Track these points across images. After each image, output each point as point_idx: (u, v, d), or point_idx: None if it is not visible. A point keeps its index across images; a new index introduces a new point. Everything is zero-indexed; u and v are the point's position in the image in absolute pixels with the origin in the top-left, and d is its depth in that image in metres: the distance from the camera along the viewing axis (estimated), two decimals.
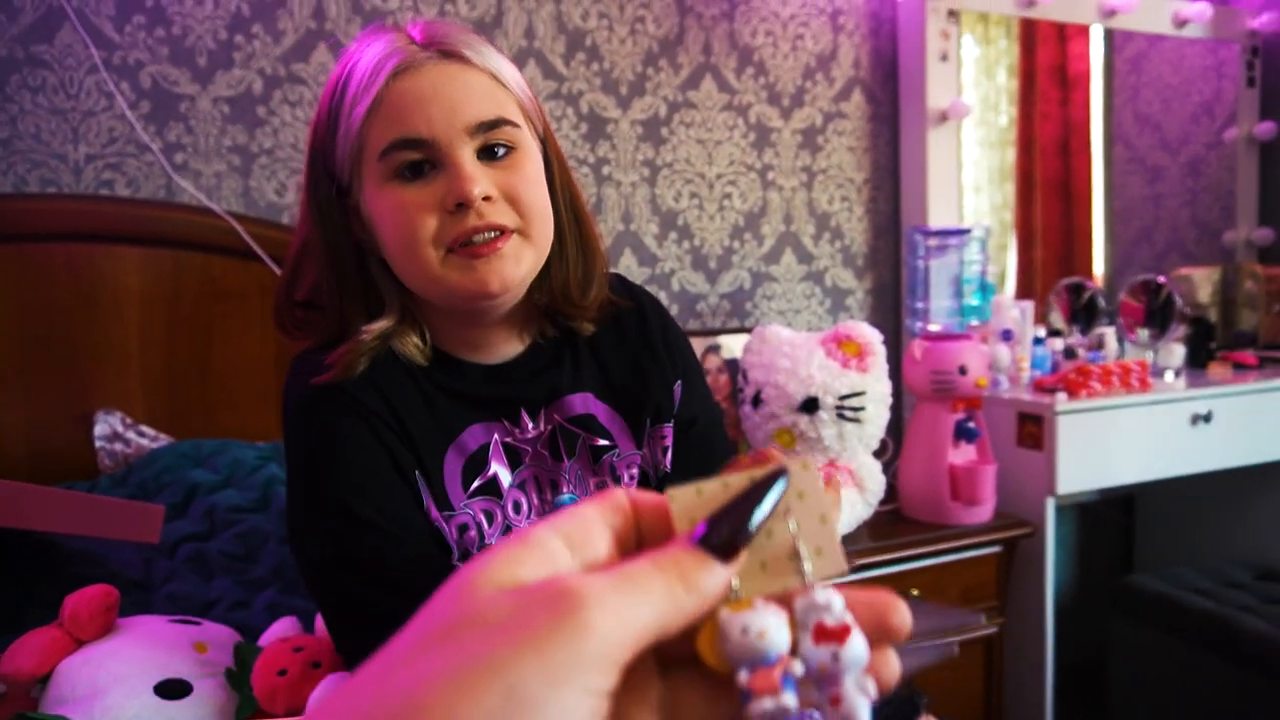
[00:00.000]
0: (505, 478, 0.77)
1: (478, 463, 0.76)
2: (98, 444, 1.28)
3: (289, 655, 0.82)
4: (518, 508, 0.78)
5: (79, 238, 1.32)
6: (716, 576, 0.24)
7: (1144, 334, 1.99)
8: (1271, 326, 2.18)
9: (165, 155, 1.43)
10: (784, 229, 1.97)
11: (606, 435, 0.80)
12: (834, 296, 2.03)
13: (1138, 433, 1.72)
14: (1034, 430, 1.66)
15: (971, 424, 1.62)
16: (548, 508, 0.78)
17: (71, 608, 0.83)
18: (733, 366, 1.77)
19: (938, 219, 1.97)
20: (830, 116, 1.99)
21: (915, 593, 1.51)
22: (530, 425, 0.79)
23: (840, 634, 0.23)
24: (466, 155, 0.70)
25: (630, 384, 0.82)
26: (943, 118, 1.96)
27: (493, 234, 0.71)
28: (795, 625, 0.24)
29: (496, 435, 0.77)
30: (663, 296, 1.82)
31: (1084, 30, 2.28)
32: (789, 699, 0.23)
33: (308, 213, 0.76)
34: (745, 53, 1.89)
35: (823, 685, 0.23)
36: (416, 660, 0.22)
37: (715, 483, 0.26)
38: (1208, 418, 1.77)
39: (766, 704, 0.23)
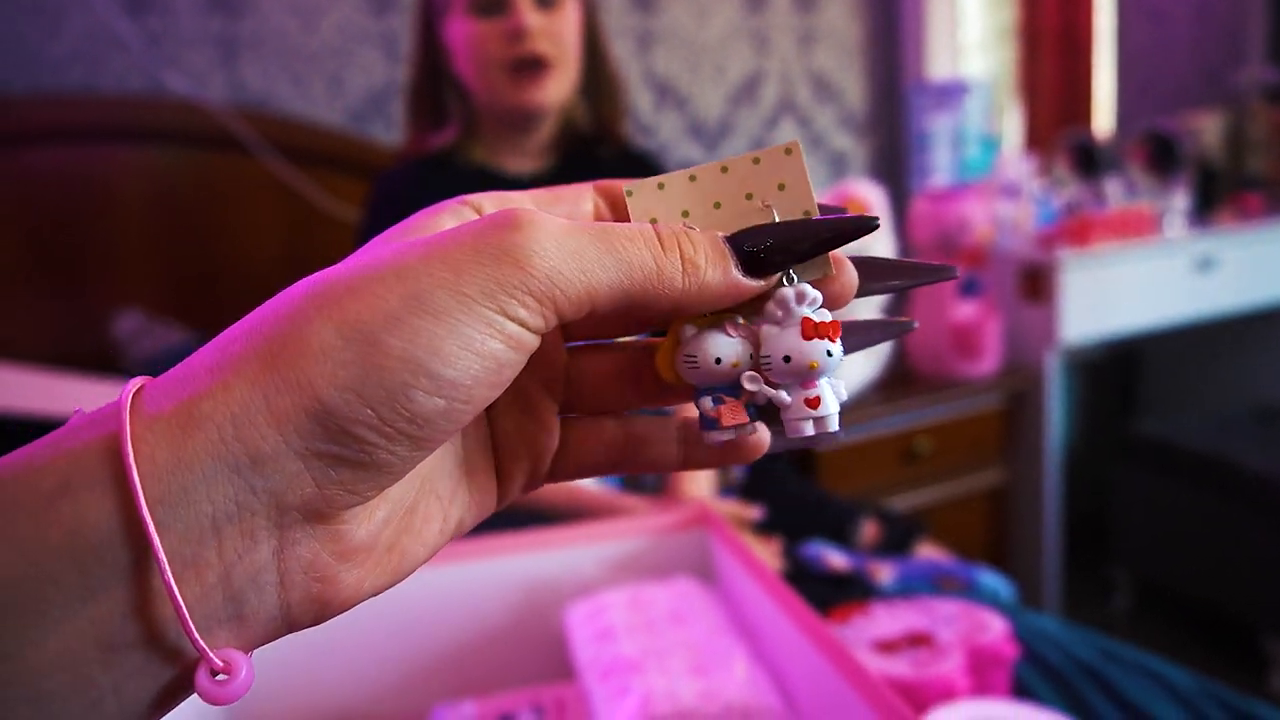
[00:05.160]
0: None
1: None
2: (123, 341, 1.30)
3: None
4: None
5: (69, 136, 1.31)
6: (729, 278, 0.21)
7: (1149, 182, 1.96)
8: (1279, 169, 2.14)
9: (146, 49, 1.39)
10: (782, 94, 1.93)
11: None
12: (835, 160, 2.01)
13: (1142, 281, 1.73)
14: (1037, 283, 1.67)
15: (975, 279, 1.63)
16: None
17: None
18: None
19: (938, 76, 1.92)
20: None
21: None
22: None
23: (833, 330, 0.22)
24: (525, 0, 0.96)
25: None
26: None
27: (537, 63, 0.96)
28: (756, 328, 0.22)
29: None
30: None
31: None
32: (754, 430, 0.22)
33: (413, 44, 1.06)
34: None
35: (806, 382, 0.22)
36: (327, 271, 0.20)
37: (681, 174, 0.23)
38: (1212, 263, 1.77)
39: (724, 434, 0.21)
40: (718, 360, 0.21)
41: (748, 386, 0.22)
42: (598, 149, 1.09)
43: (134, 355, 1.32)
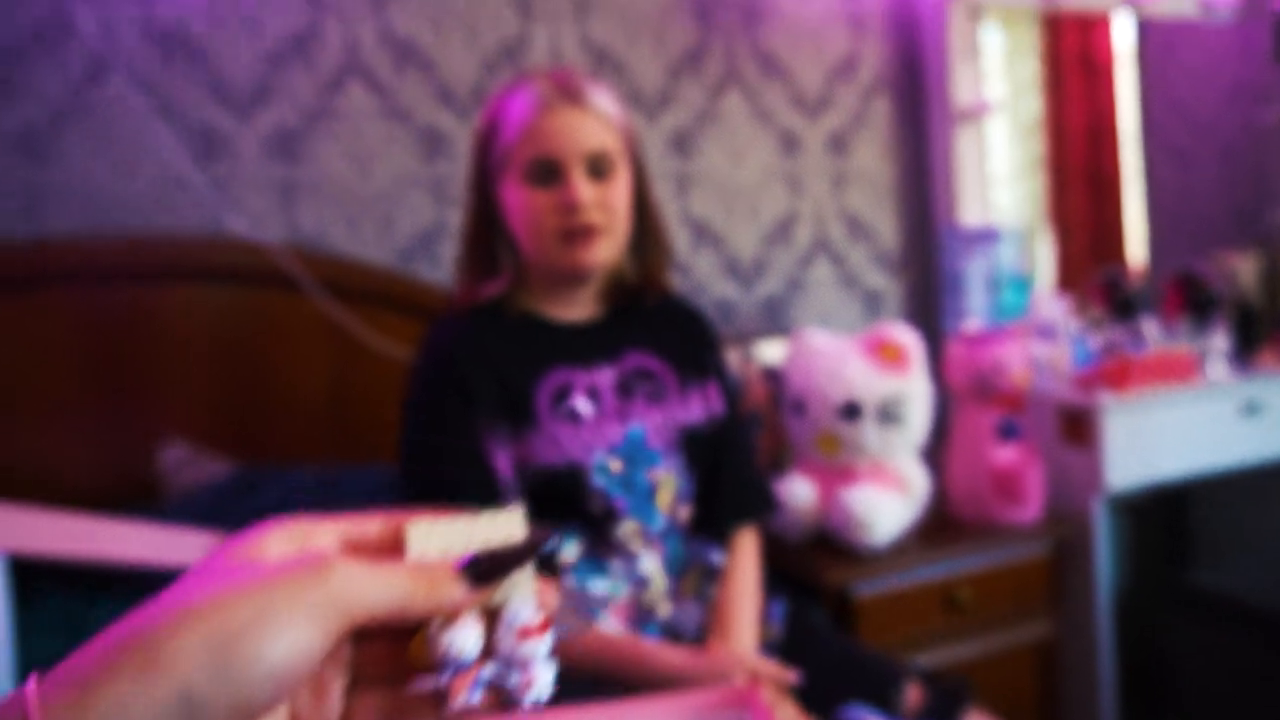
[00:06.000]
0: (585, 408, 1.03)
1: (562, 394, 1.03)
2: (168, 471, 1.32)
3: None
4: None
5: (134, 277, 1.37)
6: (458, 597, 0.31)
7: (1186, 323, 1.96)
8: None
9: (211, 193, 1.47)
10: (816, 233, 1.97)
11: (661, 383, 1.10)
12: (869, 299, 2.03)
13: (1186, 425, 1.70)
14: (1078, 427, 1.65)
15: (1014, 423, 1.61)
16: (618, 432, 1.05)
17: None
18: (770, 375, 1.78)
19: (968, 215, 1.96)
20: (857, 118, 1.99)
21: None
22: (602, 370, 1.06)
23: (540, 629, 0.31)
24: (579, 173, 1.00)
25: (682, 349, 1.13)
26: (968, 115, 1.95)
27: (588, 230, 1.01)
28: (497, 622, 0.32)
29: (577, 375, 1.05)
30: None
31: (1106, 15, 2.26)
32: (475, 698, 0.30)
33: (468, 198, 1.09)
34: (768, 60, 1.90)
35: (524, 668, 0.31)
36: (151, 602, 0.27)
37: (448, 521, 0.33)
38: (1258, 408, 1.74)
39: (458, 702, 0.30)
40: (447, 649, 0.30)
41: (485, 676, 0.31)
42: (642, 298, 1.12)
43: (177, 485, 1.33)
